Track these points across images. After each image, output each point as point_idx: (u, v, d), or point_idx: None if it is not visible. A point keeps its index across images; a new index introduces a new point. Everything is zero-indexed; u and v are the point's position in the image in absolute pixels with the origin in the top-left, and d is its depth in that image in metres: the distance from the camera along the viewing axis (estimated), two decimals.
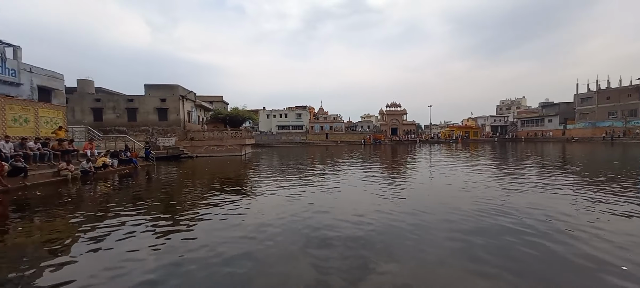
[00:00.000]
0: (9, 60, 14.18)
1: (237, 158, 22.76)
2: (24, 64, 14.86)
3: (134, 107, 26.98)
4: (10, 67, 14.16)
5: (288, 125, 64.98)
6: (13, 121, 12.15)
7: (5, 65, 13.93)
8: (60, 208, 6.86)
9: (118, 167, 14.45)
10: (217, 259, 3.72)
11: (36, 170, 10.35)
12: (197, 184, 10.34)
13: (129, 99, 27.29)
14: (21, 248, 4.33)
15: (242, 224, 5.23)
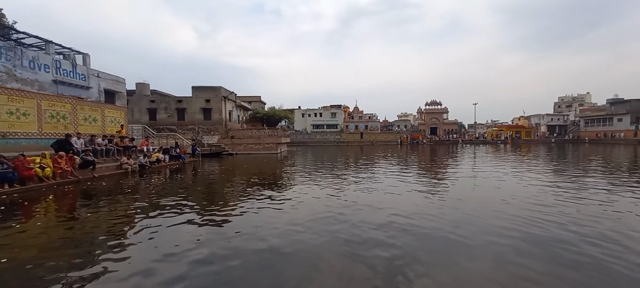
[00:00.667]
0: (79, 66, 16.25)
1: (273, 156, 23.49)
2: (92, 70, 16.92)
3: (183, 107, 29.27)
4: (81, 73, 16.22)
5: (322, 125, 65.39)
6: (84, 120, 13.92)
7: (77, 71, 15.99)
8: (122, 197, 7.69)
9: (169, 162, 15.79)
10: (252, 249, 3.85)
11: (102, 163, 11.73)
12: (237, 179, 10.87)
13: (178, 100, 29.68)
14: (89, 231, 4.93)
15: (277, 219, 5.36)
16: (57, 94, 13.74)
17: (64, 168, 9.42)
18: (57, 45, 15.30)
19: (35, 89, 13.09)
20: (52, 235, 4.71)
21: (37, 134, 11.45)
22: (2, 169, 7.79)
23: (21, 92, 11.46)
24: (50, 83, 14.32)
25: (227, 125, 29.80)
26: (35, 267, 3.41)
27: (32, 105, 11.41)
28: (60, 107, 12.68)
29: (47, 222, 5.48)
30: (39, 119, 11.60)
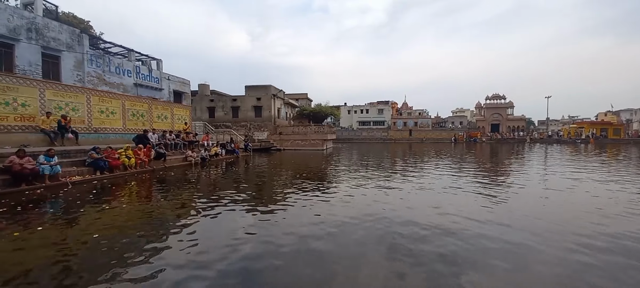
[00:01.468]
0: (154, 70, 18.63)
1: (319, 153, 23.88)
2: (164, 74, 19.26)
3: (237, 105, 31.55)
4: (155, 76, 18.57)
5: (369, 121, 64.22)
6: (157, 118, 15.95)
7: (152, 75, 18.35)
8: (187, 185, 8.67)
9: (225, 156, 17.22)
10: (298, 242, 4.00)
11: (172, 156, 13.32)
12: (285, 174, 11.35)
13: (233, 99, 32.07)
14: (161, 213, 5.66)
15: (323, 213, 5.45)
16: (137, 95, 15.98)
17: (142, 159, 10.96)
18: (137, 52, 17.77)
19: (120, 91, 15.41)
20: (133, 215, 5.55)
21: (122, 130, 13.50)
22: (97, 158, 9.39)
23: (109, 94, 13.62)
24: (132, 86, 16.71)
25: (276, 122, 31.22)
26: (119, 241, 4.07)
27: (118, 105, 13.48)
28: (139, 107, 14.74)
29: (130, 204, 6.46)
30: (123, 117, 13.67)
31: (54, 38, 12.99)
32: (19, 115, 9.68)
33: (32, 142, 9.42)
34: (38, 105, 10.19)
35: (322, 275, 3.17)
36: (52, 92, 10.71)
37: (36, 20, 12.43)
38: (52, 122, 10.30)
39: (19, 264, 3.35)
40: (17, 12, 11.96)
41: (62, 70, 13.42)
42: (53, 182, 7.71)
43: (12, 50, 11.59)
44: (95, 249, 3.79)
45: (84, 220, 5.15)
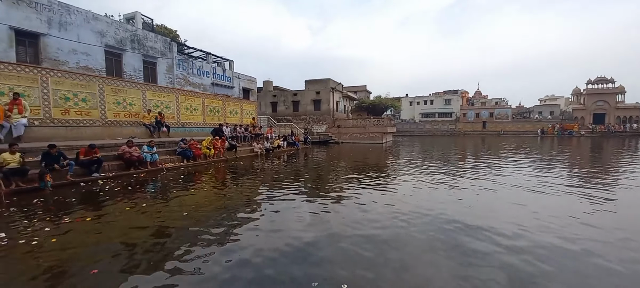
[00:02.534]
0: (227, 70, 20.65)
1: (378, 146, 23.28)
2: (235, 73, 21.21)
3: (297, 99, 32.88)
4: (228, 76, 20.59)
5: (433, 113, 59.70)
6: (229, 113, 17.71)
7: (225, 74, 20.39)
8: (254, 174, 9.47)
9: (286, 148, 18.20)
10: (352, 234, 3.98)
11: (241, 147, 14.70)
12: (343, 166, 11.41)
13: (294, 94, 33.50)
14: (233, 197, 6.31)
15: (380, 208, 5.32)
16: (214, 94, 18.00)
17: (219, 150, 12.36)
18: (213, 55, 19.95)
19: (200, 90, 17.57)
20: (211, 198, 6.32)
21: (202, 124, 15.42)
22: (185, 149, 10.95)
23: (192, 93, 15.65)
24: (210, 85, 18.88)
25: (334, 115, 31.52)
26: (200, 216, 4.68)
27: (199, 102, 15.40)
28: (215, 104, 16.59)
29: (209, 187, 7.37)
30: (203, 113, 15.58)
31: (152, 47, 15.48)
32: (128, 112, 11.89)
33: (137, 135, 11.48)
34: (141, 104, 12.36)
35: (368, 272, 3.10)
36: (150, 93, 12.85)
37: (137, 33, 14.99)
38: (151, 117, 12.38)
39: (130, 228, 4.16)
40: (123, 26, 14.59)
41: (158, 74, 15.94)
42: (152, 168, 9.31)
43: (120, 58, 14.25)
44: (183, 221, 4.45)
45: (176, 198, 6.09)
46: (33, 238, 3.84)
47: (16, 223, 4.45)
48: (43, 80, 9.28)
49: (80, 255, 3.44)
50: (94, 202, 5.79)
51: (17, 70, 8.72)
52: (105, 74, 12.91)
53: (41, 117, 9.23)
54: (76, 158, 7.48)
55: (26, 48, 10.83)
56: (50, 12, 11.22)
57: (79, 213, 5.02)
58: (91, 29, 12.62)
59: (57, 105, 9.63)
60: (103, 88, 10.95)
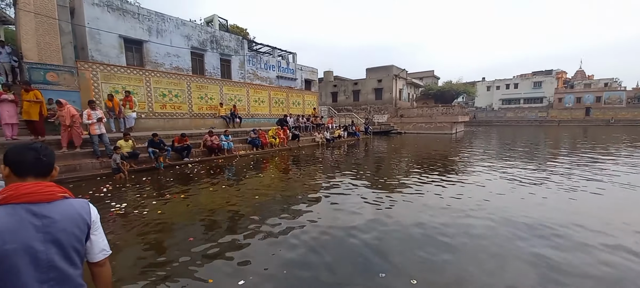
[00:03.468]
0: (290, 63, 21.60)
1: (446, 137, 21.45)
2: (298, 65, 22.06)
3: (358, 89, 32.46)
4: (291, 68, 21.53)
5: (517, 99, 51.65)
6: (292, 104, 18.62)
7: (289, 67, 21.36)
8: (315, 163, 9.85)
9: (346, 138, 18.29)
10: (410, 229, 3.82)
11: (303, 137, 15.37)
12: (404, 158, 10.93)
13: (354, 83, 33.16)
14: (295, 184, 6.71)
15: (443, 205, 4.95)
16: (278, 86, 19.12)
17: (283, 139, 13.20)
18: (278, 49, 21.08)
19: (267, 84, 18.85)
20: (277, 183, 6.84)
21: (268, 115, 16.61)
22: (254, 138, 12.02)
23: (260, 86, 16.92)
24: (275, 78, 20.09)
25: (397, 104, 30.13)
26: (268, 198, 5.13)
27: (266, 95, 16.59)
28: (280, 95, 17.64)
29: (275, 175, 7.99)
30: (269, 104, 16.76)
31: (227, 46, 17.19)
32: (208, 105, 13.57)
33: (215, 125, 13.06)
34: (219, 98, 13.96)
35: (423, 270, 2.93)
36: (226, 88, 14.39)
37: (216, 34, 16.79)
38: (227, 110, 13.90)
39: (213, 205, 4.85)
40: (204, 28, 16.49)
41: (232, 70, 17.68)
42: (228, 155, 10.51)
43: (203, 58, 16.22)
44: (254, 201, 4.97)
45: (247, 182, 6.80)
46: (144, 208, 4.81)
47: (132, 196, 5.62)
48: (146, 80, 11.28)
49: (178, 224, 4.19)
50: (185, 182, 6.88)
51: (127, 72, 10.80)
52: (191, 72, 14.93)
53: (146, 111, 11.28)
54: (172, 145, 8.96)
55: (133, 53, 13.26)
56: (149, 21, 13.44)
57: (175, 190, 6.05)
58: (180, 33, 14.67)
59: (157, 100, 11.63)
60: (190, 85, 12.74)
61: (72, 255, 1.09)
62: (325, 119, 20.45)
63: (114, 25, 12.03)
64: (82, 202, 1.17)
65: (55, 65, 9.17)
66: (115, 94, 9.81)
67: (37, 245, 1.00)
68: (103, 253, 1.21)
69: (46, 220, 1.03)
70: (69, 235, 1.08)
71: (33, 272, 0.99)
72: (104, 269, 1.23)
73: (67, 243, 1.07)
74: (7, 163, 1.06)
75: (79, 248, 1.12)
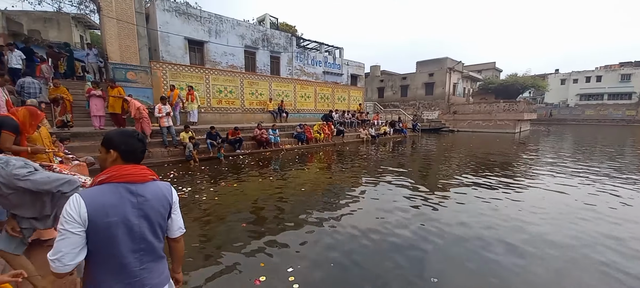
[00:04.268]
0: (337, 59, 21.56)
1: (508, 136, 19.33)
2: (344, 60, 21.92)
3: (406, 84, 31.03)
4: (338, 63, 21.49)
5: (600, 94, 43.99)
6: (338, 99, 18.62)
7: (335, 63, 21.34)
8: (359, 160, 9.75)
9: (392, 135, 17.69)
10: (457, 237, 3.52)
11: (348, 133, 15.31)
12: (455, 159, 10.15)
13: (403, 77, 31.76)
14: (338, 179, 6.73)
15: (497, 213, 4.48)
16: (324, 82, 19.28)
17: (327, 134, 13.33)
18: (325, 45, 21.19)
19: (313, 79, 19.14)
20: (320, 178, 6.95)
21: (314, 110, 16.88)
22: (300, 132, 12.35)
23: (306, 82, 17.26)
24: (321, 74, 20.28)
25: (450, 99, 28.05)
26: (311, 191, 5.25)
27: (312, 90, 16.87)
28: (325, 91, 17.79)
29: (319, 169, 8.13)
30: (315, 100, 17.02)
31: (276, 43, 17.88)
32: (258, 101, 14.32)
33: (264, 120, 13.74)
34: (268, 94, 14.63)
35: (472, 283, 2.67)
36: (275, 84, 15.01)
37: (267, 32, 17.56)
38: (274, 105, 14.51)
39: (261, 194, 5.14)
40: (257, 28, 17.34)
41: (281, 66, 18.36)
42: (275, 148, 11.00)
43: (254, 55, 17.11)
44: (298, 193, 5.13)
45: (293, 175, 7.05)
46: (203, 193, 5.32)
47: (193, 182, 6.25)
48: (206, 78, 12.35)
49: (231, 210, 4.56)
50: (237, 172, 7.40)
51: (190, 71, 11.94)
52: (244, 69, 15.91)
53: (205, 106, 12.37)
54: (226, 138, 9.70)
55: (195, 53, 14.58)
56: (210, 23, 14.62)
57: (229, 179, 6.55)
58: (235, 33, 15.68)
59: (214, 96, 12.67)
60: (243, 81, 13.59)
61: (157, 230, 1.26)
62: (370, 115, 20.03)
63: (180, 28, 13.37)
64: (167, 185, 1.35)
65: (133, 65, 10.58)
66: (180, 90, 10.93)
67: (133, 219, 1.17)
68: (180, 231, 1.38)
69: (140, 198, 1.20)
70: (157, 213, 1.25)
71: (128, 242, 1.17)
72: (179, 245, 1.41)
73: (155, 220, 1.24)
74: (116, 149, 1.21)
75: (163, 224, 1.29)
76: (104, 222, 1.10)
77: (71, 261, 1.06)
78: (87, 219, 1.08)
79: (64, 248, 1.05)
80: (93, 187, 1.16)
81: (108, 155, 1.22)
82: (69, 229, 1.06)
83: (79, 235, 1.07)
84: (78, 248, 1.08)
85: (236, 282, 2.74)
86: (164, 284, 1.31)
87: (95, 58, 10.85)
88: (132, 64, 10.56)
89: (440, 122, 25.33)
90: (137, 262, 1.19)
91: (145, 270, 1.22)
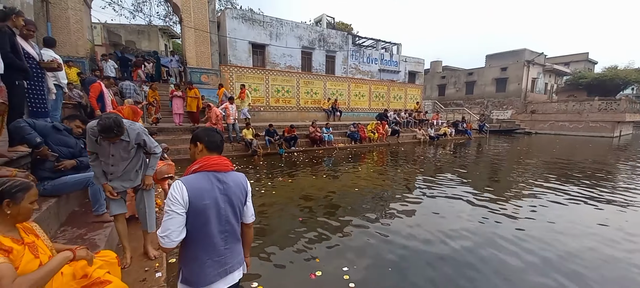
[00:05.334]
0: (394, 55, 20.75)
1: (604, 141, 16.09)
2: (402, 56, 20.98)
3: (472, 80, 28.16)
4: (395, 60, 20.67)
5: None
6: (393, 98, 17.95)
7: (392, 59, 20.57)
8: (414, 162, 9.27)
9: (455, 136, 16.31)
10: (535, 256, 3.05)
11: (404, 133, 14.66)
12: (532, 166, 8.85)
13: (468, 73, 28.91)
14: (392, 180, 6.51)
15: (585, 230, 3.74)
16: (380, 80, 18.78)
17: (381, 134, 12.99)
18: (382, 41, 20.59)
19: (368, 77, 18.80)
20: (372, 178, 6.82)
21: (368, 109, 16.61)
22: (353, 131, 12.30)
23: (361, 80, 17.05)
24: (377, 71, 19.80)
25: (528, 97, 24.53)
26: (362, 192, 5.19)
27: (366, 89, 16.61)
28: (380, 89, 17.34)
29: (371, 170, 7.99)
30: (369, 99, 16.73)
31: (332, 43, 18.07)
32: (313, 99, 14.71)
33: (317, 118, 14.03)
34: (322, 92, 14.92)
35: None
36: (329, 83, 15.22)
37: (323, 32, 17.87)
38: (329, 104, 14.71)
39: (314, 190, 5.30)
40: (314, 29, 17.76)
41: (336, 65, 18.51)
42: (328, 146, 11.17)
43: (310, 56, 17.57)
44: (350, 193, 5.14)
45: (345, 173, 7.08)
46: (262, 187, 5.72)
47: (253, 176, 6.76)
48: (266, 78, 13.19)
49: (287, 203, 4.82)
50: (292, 168, 7.76)
51: (252, 72, 12.89)
52: (300, 69, 16.50)
53: (264, 105, 13.23)
54: (282, 135, 10.23)
55: (257, 56, 15.65)
56: (271, 27, 15.53)
57: (285, 175, 6.92)
58: (294, 35, 16.35)
59: (272, 96, 13.46)
60: (299, 81, 14.13)
61: (237, 214, 1.44)
62: (429, 114, 18.79)
63: (245, 34, 14.52)
64: (243, 175, 1.52)
65: (206, 69, 11.90)
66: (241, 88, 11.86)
67: (221, 203, 1.36)
68: (252, 217, 1.55)
69: (225, 185, 1.37)
70: (237, 198, 1.42)
71: (216, 223, 1.36)
72: (250, 230, 1.59)
73: (236, 204, 1.42)
74: (201, 141, 1.40)
75: (241, 209, 1.47)
76: (201, 204, 1.29)
77: (177, 238, 1.26)
78: (188, 201, 1.27)
79: (171, 227, 1.25)
80: (190, 175, 1.35)
81: (196, 148, 1.42)
82: (174, 210, 1.26)
83: (181, 215, 1.27)
84: (181, 226, 1.28)
85: (292, 274, 2.88)
86: (240, 265, 1.48)
87: (177, 63, 12.52)
88: (205, 68, 11.89)
89: (514, 122, 22.40)
90: (223, 242, 1.38)
91: (228, 250, 1.40)
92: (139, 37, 20.06)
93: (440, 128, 16.17)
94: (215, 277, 1.35)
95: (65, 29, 9.38)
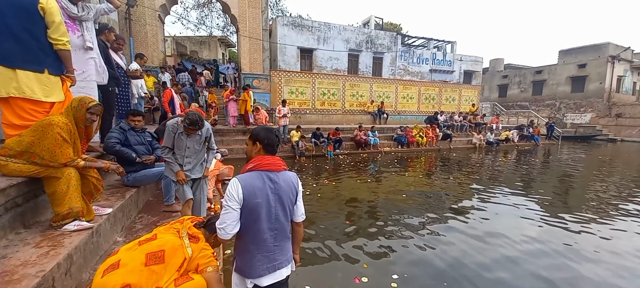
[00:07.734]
0: (447, 54, 19.47)
1: None
2: (457, 55, 19.57)
3: (542, 79, 24.90)
4: (448, 60, 19.37)
5: None
6: (445, 100, 16.85)
7: (445, 59, 19.31)
8: (467, 169, 8.56)
9: (518, 142, 14.65)
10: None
11: (457, 137, 13.65)
12: (616, 178, 7.47)
13: (537, 71, 25.63)
14: (439, 189, 6.11)
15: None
16: (431, 81, 17.80)
17: (431, 138, 12.30)
18: (434, 40, 19.50)
19: (418, 78, 17.96)
20: (420, 184, 6.50)
21: (416, 112, 15.88)
22: (400, 135, 11.88)
23: (410, 82, 16.36)
24: (428, 72, 18.79)
25: (612, 98, 20.84)
26: (410, 204, 4.98)
27: (415, 91, 15.90)
28: (431, 91, 16.43)
29: (418, 176, 7.62)
30: (418, 100, 15.98)
31: (380, 44, 17.70)
32: (358, 102, 14.59)
33: (363, 121, 13.84)
34: (368, 95, 14.71)
35: None
36: (376, 85, 14.95)
37: (371, 34, 17.61)
38: (374, 106, 14.44)
39: (357, 194, 5.27)
40: (361, 31, 17.60)
41: (383, 67, 18.09)
42: (374, 150, 10.96)
43: (357, 58, 17.44)
44: (395, 200, 4.99)
45: (390, 179, 6.88)
46: (307, 188, 5.88)
47: (299, 177, 6.98)
48: (312, 82, 13.51)
49: (332, 206, 4.88)
50: (337, 171, 7.81)
51: (300, 77, 13.33)
52: (346, 72, 16.52)
53: (310, 107, 13.55)
54: (328, 137, 10.36)
55: (305, 60, 16.10)
56: (319, 32, 15.85)
57: (329, 177, 7.00)
58: (341, 38, 16.44)
59: (318, 99, 13.71)
60: (345, 84, 14.17)
61: (287, 213, 1.49)
62: (487, 117, 17.18)
63: (294, 39, 15.09)
64: (294, 174, 1.58)
65: (258, 74, 12.68)
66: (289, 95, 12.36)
67: (272, 202, 1.44)
68: (302, 216, 1.60)
69: (276, 185, 1.44)
70: (287, 198, 1.48)
71: (267, 221, 1.44)
72: (300, 229, 1.63)
73: (286, 203, 1.49)
74: (260, 141, 1.47)
75: (291, 208, 1.53)
76: (253, 202, 1.39)
77: (232, 231, 1.39)
78: (242, 198, 1.38)
79: (227, 220, 1.38)
80: (245, 174, 1.46)
81: (254, 147, 1.51)
82: (230, 205, 1.38)
83: (236, 211, 1.38)
84: (236, 221, 1.40)
85: (338, 276, 2.90)
86: (289, 262, 1.55)
87: (233, 70, 13.59)
88: (257, 73, 12.66)
89: (594, 127, 19.23)
90: (272, 239, 1.46)
91: (277, 247, 1.48)
92: (201, 47, 22.24)
93: (500, 133, 14.67)
94: (264, 271, 1.43)
95: (144, 42, 10.87)
